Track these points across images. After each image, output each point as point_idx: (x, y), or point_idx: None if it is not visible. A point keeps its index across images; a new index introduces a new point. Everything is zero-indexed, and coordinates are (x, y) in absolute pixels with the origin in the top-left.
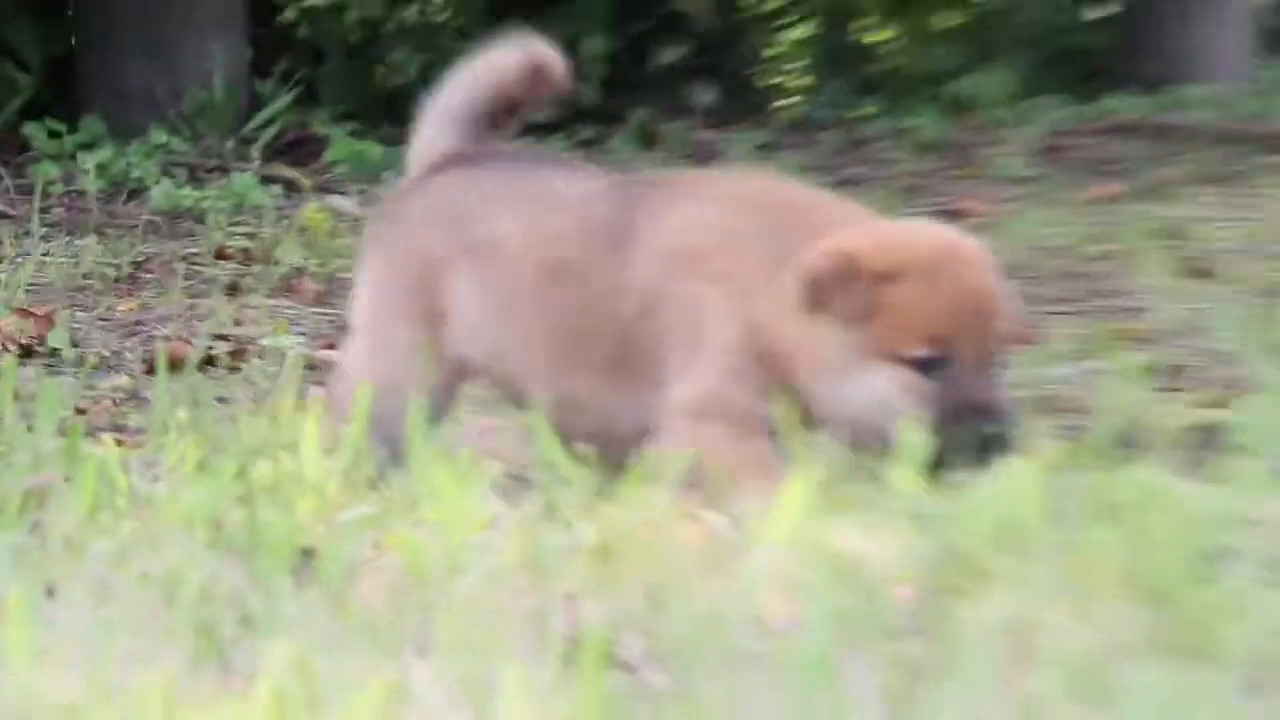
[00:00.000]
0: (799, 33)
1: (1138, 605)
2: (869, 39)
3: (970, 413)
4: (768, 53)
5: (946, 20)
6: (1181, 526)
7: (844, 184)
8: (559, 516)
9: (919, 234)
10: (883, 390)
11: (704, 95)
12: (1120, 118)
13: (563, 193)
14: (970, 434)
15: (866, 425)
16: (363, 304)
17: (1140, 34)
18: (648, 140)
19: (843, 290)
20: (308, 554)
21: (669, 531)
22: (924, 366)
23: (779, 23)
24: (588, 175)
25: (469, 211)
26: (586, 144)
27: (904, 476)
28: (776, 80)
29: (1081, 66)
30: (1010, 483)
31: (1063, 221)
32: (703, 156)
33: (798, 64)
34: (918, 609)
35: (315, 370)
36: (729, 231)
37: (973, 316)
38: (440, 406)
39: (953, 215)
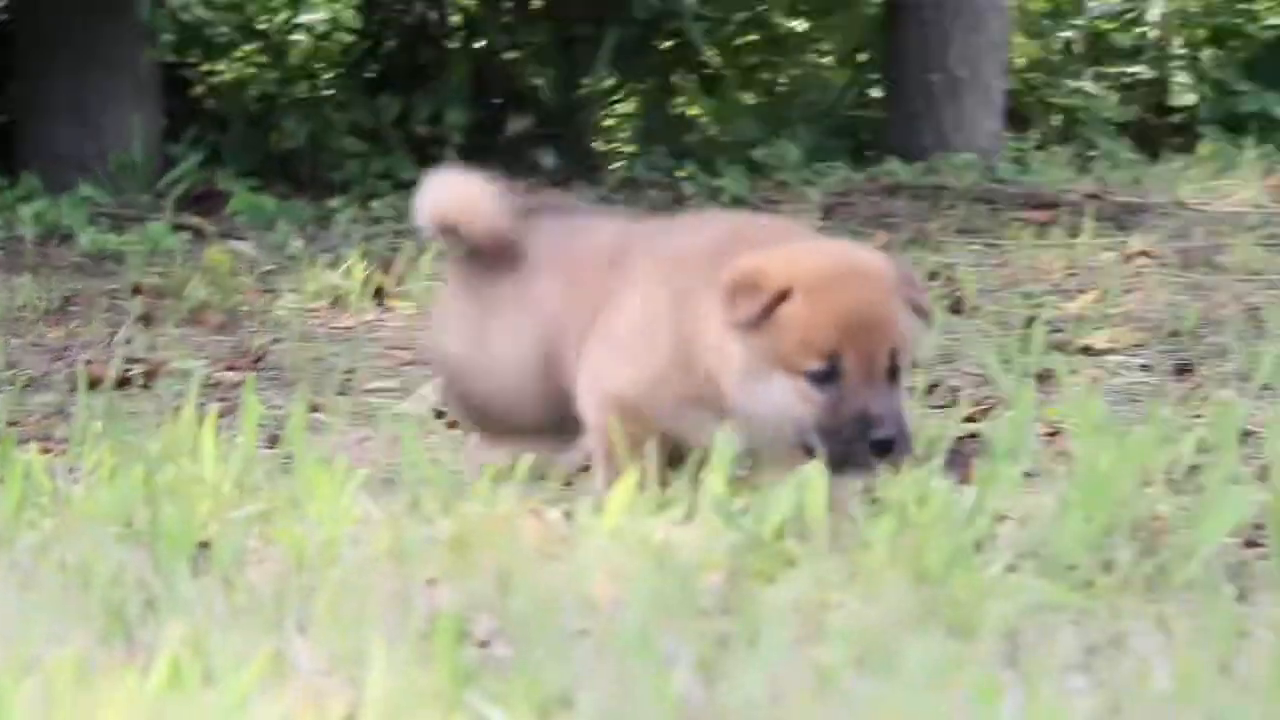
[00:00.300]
0: (627, 107)
1: (912, 587)
2: (686, 113)
3: (856, 422)
4: (602, 124)
5: (749, 98)
6: (947, 521)
7: None
8: (421, 513)
9: (823, 252)
10: (779, 398)
11: (548, 159)
12: (892, 180)
13: (602, 227)
14: (857, 442)
15: (767, 429)
16: (459, 327)
17: (910, 109)
18: None
19: (747, 302)
20: (204, 546)
21: (516, 525)
22: (816, 378)
23: (611, 99)
24: (623, 218)
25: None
26: None
27: (716, 477)
28: (609, 147)
29: (860, 137)
30: (803, 482)
31: None
32: None
33: (627, 133)
34: (725, 591)
35: (216, 388)
36: (686, 251)
37: (860, 331)
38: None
39: None
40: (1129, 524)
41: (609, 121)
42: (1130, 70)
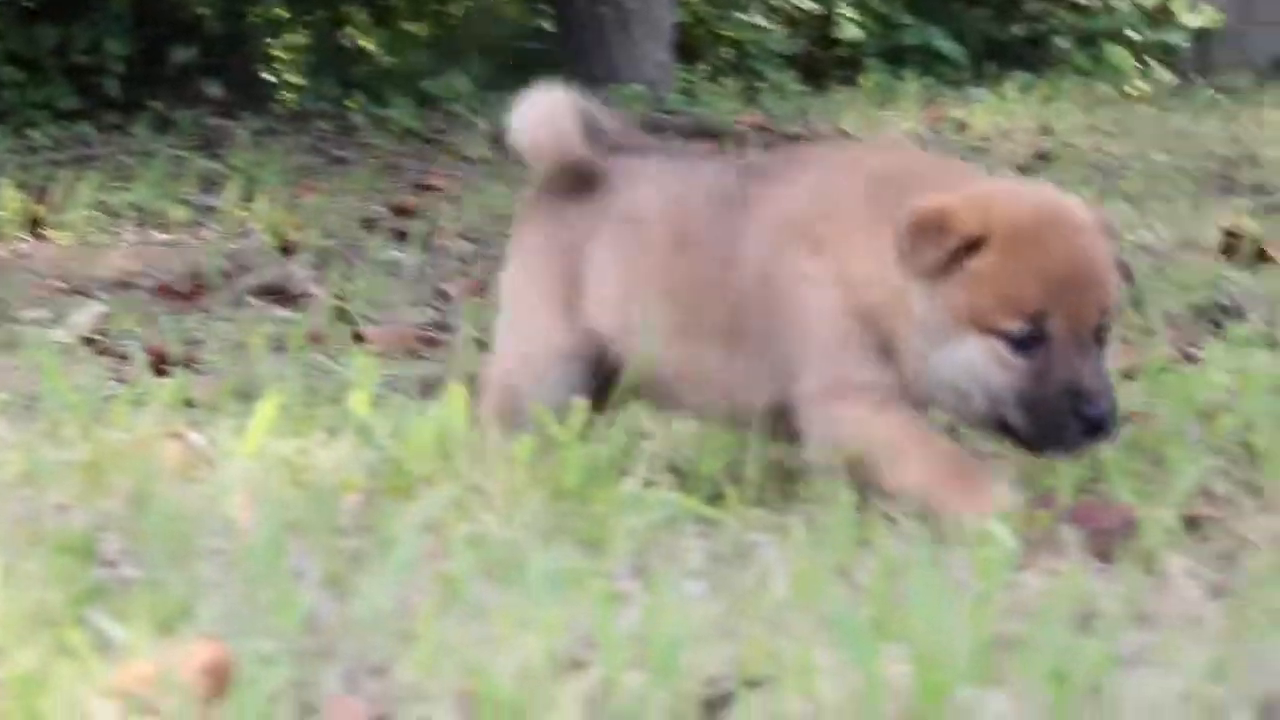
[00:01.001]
0: (298, 38)
1: (550, 504)
2: (357, 44)
3: (1067, 396)
4: (270, 54)
5: (421, 29)
6: (587, 439)
7: (334, 163)
8: (59, 437)
9: (1020, 195)
10: (972, 361)
11: (213, 88)
12: None
13: (695, 171)
14: (1066, 416)
15: (956, 392)
16: (509, 284)
17: (580, 41)
18: (163, 127)
19: (932, 247)
20: None
21: (155, 448)
22: (1017, 341)
23: (280, 29)
24: (719, 160)
25: (613, 188)
26: (110, 128)
27: (358, 399)
28: (277, 77)
29: (532, 68)
30: (444, 404)
31: (511, 195)
32: (211, 141)
33: (295, 63)
34: (363, 510)
35: None
36: (827, 198)
37: (1071, 290)
38: (573, 378)
39: (423, 189)
40: (763, 440)
41: (278, 52)
42: (798, 4)
